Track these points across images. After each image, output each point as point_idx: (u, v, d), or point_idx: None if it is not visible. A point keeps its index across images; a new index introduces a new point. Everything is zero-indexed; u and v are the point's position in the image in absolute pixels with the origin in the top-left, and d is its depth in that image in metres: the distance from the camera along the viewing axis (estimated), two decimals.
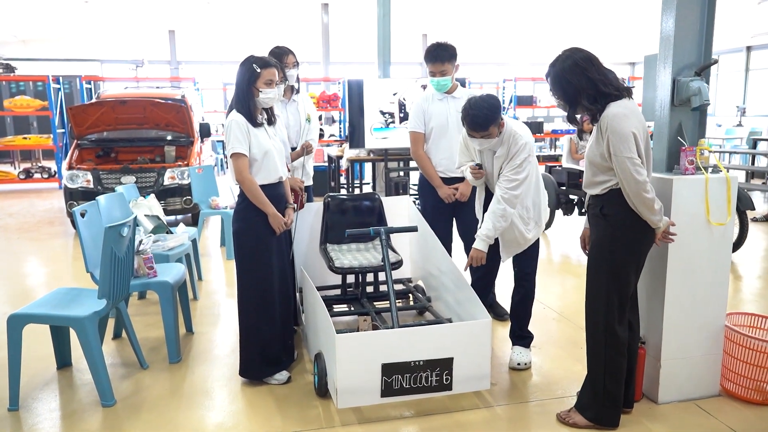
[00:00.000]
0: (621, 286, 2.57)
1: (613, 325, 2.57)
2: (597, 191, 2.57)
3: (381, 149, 7.57)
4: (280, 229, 3.12)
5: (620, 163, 2.41)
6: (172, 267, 3.73)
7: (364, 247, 4.08)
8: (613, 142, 2.41)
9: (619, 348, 2.59)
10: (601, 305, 2.58)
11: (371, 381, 2.71)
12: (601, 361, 2.60)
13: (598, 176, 2.55)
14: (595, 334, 2.62)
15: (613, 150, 2.42)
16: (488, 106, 3.00)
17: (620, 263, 2.55)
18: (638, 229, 2.52)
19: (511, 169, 3.11)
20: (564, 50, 2.57)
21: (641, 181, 2.41)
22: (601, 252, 2.58)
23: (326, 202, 4.09)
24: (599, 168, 2.53)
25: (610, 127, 2.42)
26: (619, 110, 2.44)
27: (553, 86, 2.57)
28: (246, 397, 3.07)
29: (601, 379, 2.61)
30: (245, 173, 3.00)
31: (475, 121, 3.01)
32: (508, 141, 3.12)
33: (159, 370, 3.38)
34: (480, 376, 2.84)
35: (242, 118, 3.02)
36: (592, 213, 2.65)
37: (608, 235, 2.55)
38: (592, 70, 2.46)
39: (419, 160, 4.02)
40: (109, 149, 7.53)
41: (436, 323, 3.45)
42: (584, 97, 2.48)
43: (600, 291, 2.58)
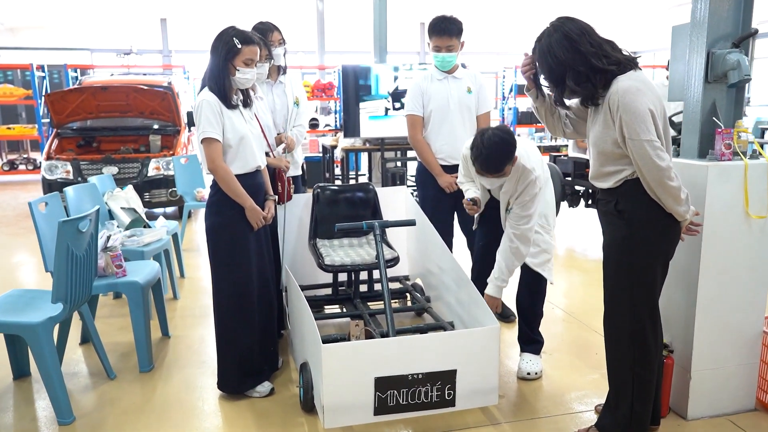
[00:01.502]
0: (647, 293, 2.20)
1: (643, 339, 2.21)
2: (609, 184, 2.17)
3: (377, 138, 7.21)
4: (258, 224, 2.77)
5: (638, 148, 2.02)
6: (145, 265, 3.38)
7: (357, 242, 3.74)
8: (628, 122, 2.01)
9: (650, 365, 2.25)
10: (625, 317, 2.21)
11: (363, 397, 2.37)
12: (627, 379, 2.25)
13: (608, 166, 2.16)
14: (619, 350, 2.26)
15: (627, 133, 2.03)
16: (504, 145, 2.60)
17: (644, 266, 2.17)
18: (661, 225, 2.14)
19: (520, 206, 2.79)
20: (552, 21, 2.16)
21: (664, 167, 2.03)
22: (620, 255, 2.20)
23: (316, 193, 3.74)
24: (610, 157, 2.14)
25: (622, 105, 2.02)
26: (630, 83, 2.04)
27: (540, 65, 2.19)
28: (224, 412, 2.73)
29: (627, 400, 2.26)
30: (218, 161, 2.65)
31: (489, 162, 2.61)
32: (516, 176, 2.77)
33: (128, 380, 3.03)
34: (487, 390, 2.50)
35: (215, 98, 2.66)
36: (605, 210, 2.25)
37: (626, 234, 2.17)
38: (584, 43, 2.07)
39: (417, 146, 3.67)
40: (91, 138, 7.15)
41: (437, 327, 3.11)
42: (571, 75, 2.09)
43: (623, 301, 2.21)
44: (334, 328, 3.70)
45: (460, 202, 3.65)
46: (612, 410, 2.31)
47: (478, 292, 2.80)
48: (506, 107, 13.13)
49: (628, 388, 2.24)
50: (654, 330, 2.23)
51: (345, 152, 7.59)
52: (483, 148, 2.60)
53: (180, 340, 3.56)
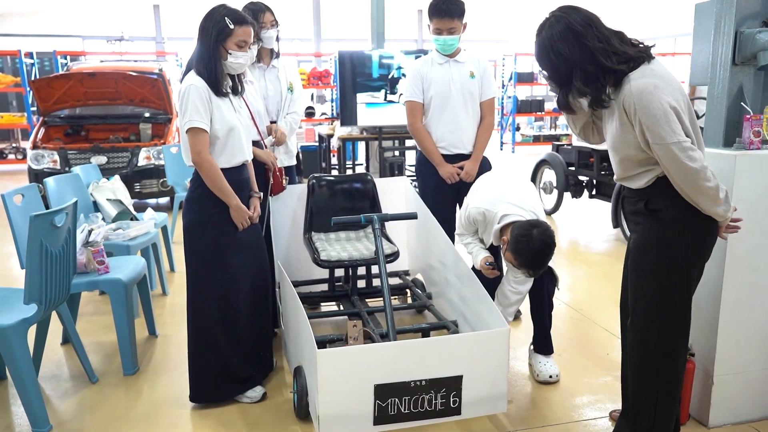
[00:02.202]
0: (681, 301, 1.99)
1: (672, 350, 2.02)
2: (639, 185, 1.96)
3: (374, 127, 6.99)
4: (243, 225, 2.57)
5: (665, 153, 1.80)
6: (129, 261, 3.18)
7: (354, 236, 3.55)
8: (649, 126, 1.79)
9: (677, 377, 2.06)
10: (654, 326, 2.01)
11: (361, 406, 2.19)
12: (652, 392, 2.06)
13: (635, 170, 1.95)
14: (646, 361, 2.06)
15: (651, 138, 1.81)
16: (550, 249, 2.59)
17: (679, 270, 1.97)
18: (701, 223, 1.93)
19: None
20: (554, 11, 1.92)
21: (698, 168, 1.80)
22: (653, 258, 1.98)
23: (311, 184, 3.54)
24: (635, 161, 1.93)
25: (639, 108, 1.81)
26: (645, 82, 1.82)
27: (540, 60, 1.94)
28: (211, 418, 2.55)
29: (650, 413, 2.07)
30: (204, 153, 2.44)
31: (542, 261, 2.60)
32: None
33: (111, 384, 2.85)
34: (495, 397, 2.32)
35: (203, 84, 2.46)
36: (634, 209, 2.03)
37: (660, 235, 1.95)
38: (591, 37, 1.84)
39: (417, 134, 3.47)
40: (79, 127, 6.93)
41: (439, 327, 2.94)
42: (578, 74, 1.86)
43: (652, 309, 2.00)
44: (330, 326, 3.52)
45: (463, 193, 3.46)
46: (631, 422, 2.13)
47: (484, 289, 2.62)
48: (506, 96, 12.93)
49: (651, 401, 2.06)
50: (684, 340, 2.04)
51: (342, 141, 7.38)
52: (538, 251, 2.54)
53: (168, 339, 3.37)
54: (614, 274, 4.54)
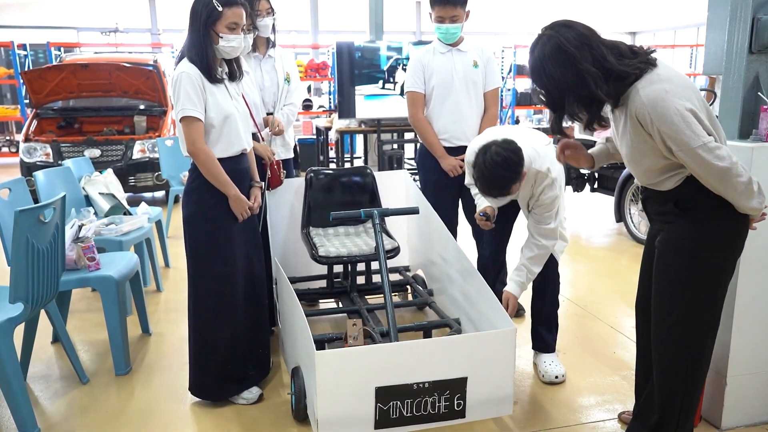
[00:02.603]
0: (715, 303, 1.89)
1: (699, 360, 1.93)
2: (668, 187, 1.85)
3: (373, 119, 6.89)
4: (243, 215, 2.48)
5: (692, 158, 1.69)
6: (121, 257, 3.08)
7: (353, 230, 3.45)
8: (670, 135, 1.69)
9: (700, 387, 1.98)
10: (682, 333, 1.90)
11: (362, 409, 2.10)
12: (677, 398, 1.96)
13: (659, 177, 1.84)
14: (671, 372, 1.95)
15: (674, 146, 1.70)
16: (508, 165, 2.34)
17: (715, 270, 1.86)
18: (735, 217, 1.82)
19: (540, 207, 2.61)
20: (546, 27, 1.80)
21: (727, 167, 1.69)
22: (687, 256, 1.86)
23: (309, 178, 3.44)
24: (658, 169, 1.83)
25: (656, 119, 1.70)
26: (654, 89, 1.70)
27: (534, 81, 1.82)
28: (206, 420, 2.46)
29: (675, 418, 1.98)
30: (199, 143, 2.35)
31: (492, 185, 2.40)
32: (530, 181, 2.54)
33: (102, 384, 2.75)
34: (500, 400, 2.23)
35: (196, 71, 2.35)
36: (661, 210, 1.92)
37: (694, 234, 1.84)
38: (584, 58, 1.71)
39: (418, 125, 3.37)
40: (72, 119, 6.80)
41: (441, 325, 2.85)
42: (570, 100, 1.75)
43: (683, 315, 1.89)
44: (329, 324, 3.43)
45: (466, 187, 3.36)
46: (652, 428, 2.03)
47: (487, 285, 2.53)
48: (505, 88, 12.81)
49: (676, 405, 1.96)
50: (712, 342, 1.94)
51: (340, 134, 7.28)
52: (485, 168, 2.35)
53: (162, 337, 3.28)
54: (617, 269, 4.45)
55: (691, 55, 12.90)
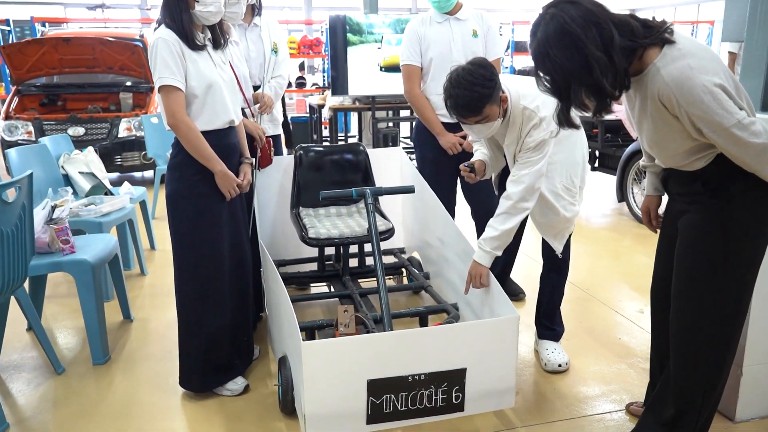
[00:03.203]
0: (744, 290, 1.73)
1: (723, 357, 1.77)
2: (696, 168, 1.67)
3: (367, 96, 6.67)
4: (231, 193, 2.30)
5: (726, 138, 1.52)
6: (99, 239, 2.91)
7: (346, 211, 3.28)
8: (701, 117, 1.51)
9: (726, 376, 1.82)
10: (709, 320, 1.73)
11: (353, 403, 1.95)
12: (697, 395, 1.81)
13: (686, 159, 1.67)
14: (693, 369, 1.80)
15: (706, 128, 1.53)
16: (477, 80, 2.08)
17: (746, 256, 1.69)
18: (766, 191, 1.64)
19: (525, 151, 2.28)
20: (548, 5, 1.60)
21: (764, 143, 1.51)
22: (712, 243, 1.69)
23: (298, 155, 3.26)
24: (684, 152, 1.65)
25: (683, 100, 1.52)
26: (677, 67, 1.52)
27: (537, 65, 1.62)
28: (187, 414, 2.30)
29: (696, 412, 1.83)
30: (180, 114, 2.16)
31: (461, 103, 2.11)
32: (518, 121, 2.25)
33: (78, 375, 2.60)
34: (502, 392, 2.09)
35: (173, 36, 2.16)
36: (686, 191, 1.74)
37: (724, 214, 1.66)
38: (590, 41, 1.50)
39: (415, 101, 3.18)
40: (55, 96, 6.56)
41: (438, 310, 2.69)
42: (576, 88, 1.56)
43: (711, 302, 1.72)
44: (321, 310, 3.27)
45: None
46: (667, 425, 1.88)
47: (489, 271, 2.37)
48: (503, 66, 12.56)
49: (698, 399, 1.81)
50: (739, 332, 1.78)
51: (333, 111, 7.06)
52: (451, 87, 2.10)
53: (144, 324, 3.11)
54: (619, 250, 4.31)
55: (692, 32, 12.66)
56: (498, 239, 2.29)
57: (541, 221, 2.49)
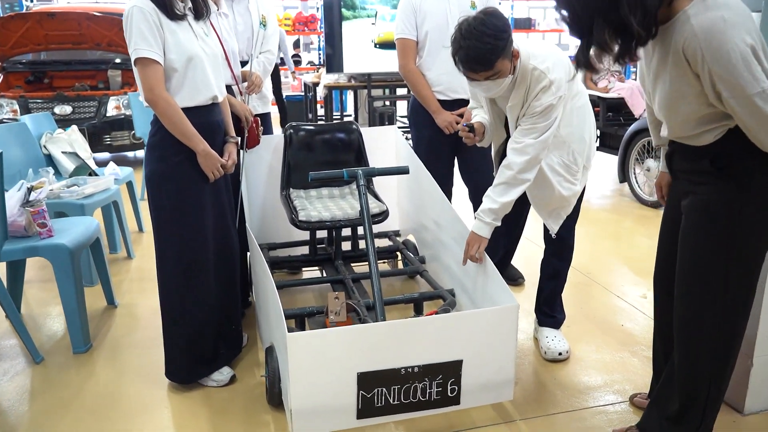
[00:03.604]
0: (751, 277, 1.61)
1: (730, 345, 1.66)
2: (702, 143, 1.55)
3: (363, 74, 6.50)
4: (215, 174, 2.17)
5: (745, 106, 1.38)
6: (79, 222, 2.78)
7: (338, 192, 3.15)
8: (723, 76, 1.37)
9: (732, 365, 1.71)
10: (714, 306, 1.62)
11: (342, 397, 1.84)
12: (703, 385, 1.71)
13: (696, 129, 1.53)
14: (697, 357, 1.69)
15: (726, 91, 1.39)
16: (490, 30, 1.92)
17: (753, 240, 1.57)
18: None
19: (529, 116, 2.11)
20: None
21: None
22: (721, 222, 1.57)
23: (288, 134, 3.12)
24: (696, 119, 1.52)
25: (708, 54, 1.37)
26: (710, 17, 1.37)
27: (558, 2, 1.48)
28: (172, 407, 2.20)
29: (701, 407, 1.73)
30: (158, 89, 2.01)
31: (471, 55, 1.94)
32: (525, 82, 2.08)
33: (57, 364, 2.49)
34: (500, 384, 1.98)
35: (149, 5, 2.00)
36: (691, 168, 1.61)
37: (731, 196, 1.54)
38: None
39: (410, 77, 3.03)
40: (41, 73, 6.37)
41: (434, 297, 2.58)
42: (600, 24, 1.41)
43: (716, 289, 1.61)
44: (312, 295, 3.16)
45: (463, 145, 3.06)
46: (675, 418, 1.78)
47: (484, 252, 2.26)
48: None
49: (700, 396, 1.71)
50: (745, 320, 1.67)
51: (328, 90, 6.88)
52: (462, 38, 1.94)
53: (129, 310, 3.00)
54: (620, 232, 4.19)
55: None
56: (497, 212, 2.17)
57: (535, 194, 2.33)
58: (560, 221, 2.39)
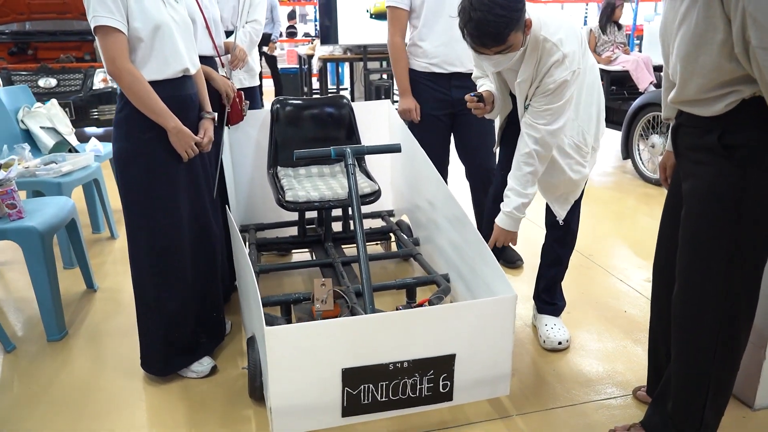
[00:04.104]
0: (754, 266, 1.47)
1: (733, 333, 1.52)
2: (713, 111, 1.39)
3: (358, 46, 6.29)
4: (189, 153, 2.01)
5: None
6: (52, 202, 2.63)
7: (328, 171, 3.00)
8: (758, 19, 1.22)
9: (735, 365, 1.58)
10: (712, 301, 1.49)
11: (326, 394, 1.71)
12: (702, 382, 1.58)
13: (709, 92, 1.37)
14: (697, 344, 1.56)
15: (757, 39, 1.24)
16: (503, 1, 1.73)
17: (757, 227, 1.43)
18: None
19: (542, 96, 1.95)
20: None
21: None
22: (722, 209, 1.43)
23: (275, 109, 2.95)
24: (713, 78, 1.35)
25: None
26: None
27: None
28: (148, 401, 2.08)
29: (697, 410, 1.60)
30: (121, 61, 1.84)
31: (482, 29, 1.76)
32: (535, 55, 1.91)
33: (30, 353, 2.36)
34: (496, 379, 1.85)
35: None
36: (697, 144, 1.46)
37: (736, 180, 1.39)
38: None
39: (392, 50, 2.87)
40: (25, 45, 6.15)
41: (428, 282, 2.45)
42: None
43: (713, 276, 1.48)
44: (302, 279, 3.03)
45: (460, 121, 2.90)
46: (671, 415, 1.67)
47: (481, 237, 2.11)
48: None
49: (700, 394, 1.58)
50: (749, 320, 1.53)
51: (323, 62, 6.68)
52: (472, 9, 1.75)
53: (109, 294, 2.87)
54: (623, 212, 4.05)
55: None
56: (528, 204, 2.08)
57: (542, 179, 2.16)
58: (568, 206, 2.25)
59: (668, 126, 4.45)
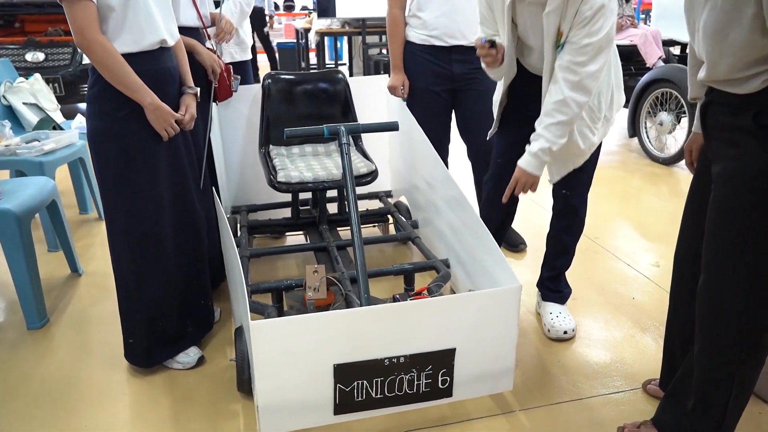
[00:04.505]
0: None
1: (761, 329, 1.40)
2: (749, 89, 1.25)
3: (357, 19, 6.09)
4: (169, 132, 1.87)
5: None
6: (31, 183, 2.49)
7: (323, 149, 2.86)
8: None
9: (762, 360, 1.46)
10: (738, 293, 1.37)
11: (317, 392, 1.60)
12: (724, 381, 1.46)
13: (743, 70, 1.24)
14: (721, 340, 1.44)
15: None
16: None
17: None
18: None
19: (580, 26, 1.73)
20: None
21: None
22: (756, 198, 1.29)
23: (266, 85, 2.80)
24: (746, 55, 1.23)
25: None
26: None
27: None
28: (132, 394, 1.97)
29: (721, 403, 1.48)
30: (90, 32, 1.69)
31: None
32: None
33: (8, 343, 2.25)
34: (498, 374, 1.74)
35: None
36: (728, 123, 1.33)
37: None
38: None
39: (390, 22, 2.72)
40: (12, 17, 5.94)
41: (427, 267, 2.33)
42: None
43: (750, 274, 1.34)
44: (296, 263, 2.91)
45: (462, 98, 2.75)
46: (688, 413, 1.56)
47: (478, 217, 1.99)
48: None
49: (724, 392, 1.47)
50: None
51: (320, 36, 6.48)
52: None
53: (94, 278, 2.75)
54: (630, 192, 3.91)
55: None
56: (554, 153, 1.89)
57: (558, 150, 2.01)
58: (564, 172, 2.08)
59: (677, 102, 4.28)
